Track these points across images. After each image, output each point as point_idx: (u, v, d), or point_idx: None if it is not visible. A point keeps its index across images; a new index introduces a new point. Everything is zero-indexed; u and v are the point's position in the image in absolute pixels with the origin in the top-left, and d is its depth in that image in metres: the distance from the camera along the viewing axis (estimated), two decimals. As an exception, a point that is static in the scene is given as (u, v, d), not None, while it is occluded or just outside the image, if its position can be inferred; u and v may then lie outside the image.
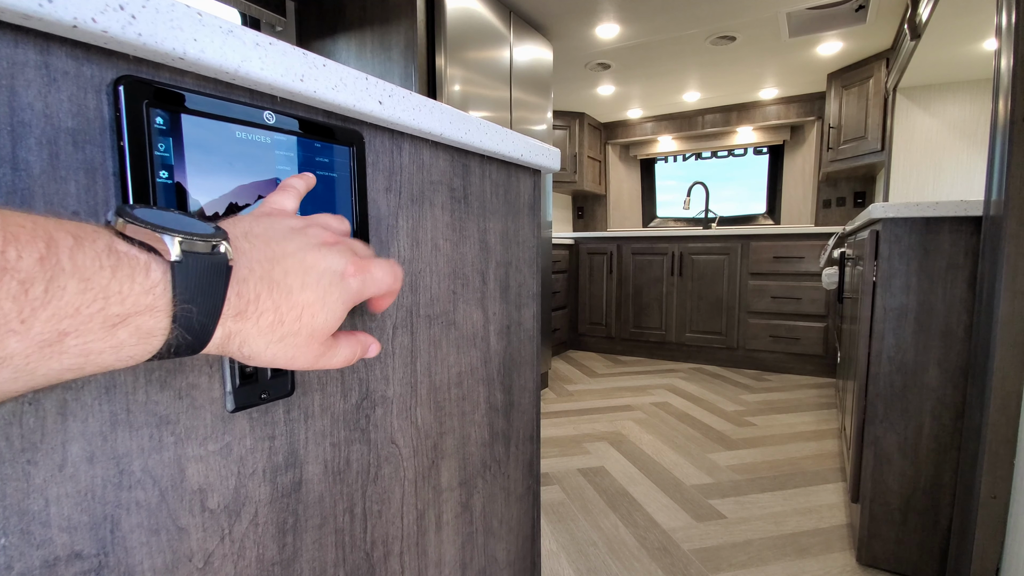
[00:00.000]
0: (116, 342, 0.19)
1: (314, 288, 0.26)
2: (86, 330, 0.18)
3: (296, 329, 0.25)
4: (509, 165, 0.66)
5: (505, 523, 0.69)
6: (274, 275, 0.25)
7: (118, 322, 0.19)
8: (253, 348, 0.24)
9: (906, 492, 1.17)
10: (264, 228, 0.27)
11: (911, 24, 2.24)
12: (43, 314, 0.17)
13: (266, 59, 0.33)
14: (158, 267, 0.20)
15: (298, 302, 0.25)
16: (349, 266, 0.28)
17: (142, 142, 0.29)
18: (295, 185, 0.33)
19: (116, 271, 0.19)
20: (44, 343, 0.17)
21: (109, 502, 0.30)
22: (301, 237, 0.28)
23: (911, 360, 1.14)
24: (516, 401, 0.70)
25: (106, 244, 0.19)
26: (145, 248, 0.21)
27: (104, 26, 0.26)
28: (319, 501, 0.42)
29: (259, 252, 0.25)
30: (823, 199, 3.81)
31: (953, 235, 1.10)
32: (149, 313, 0.20)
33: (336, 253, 0.28)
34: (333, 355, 0.28)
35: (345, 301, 0.28)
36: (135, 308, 0.19)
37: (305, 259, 0.26)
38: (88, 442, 0.29)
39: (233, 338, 0.24)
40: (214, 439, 0.35)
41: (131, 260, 0.20)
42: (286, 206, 0.31)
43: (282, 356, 0.26)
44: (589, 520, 1.46)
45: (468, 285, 0.59)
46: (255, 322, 0.24)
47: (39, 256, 0.16)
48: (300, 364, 0.27)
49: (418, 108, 0.46)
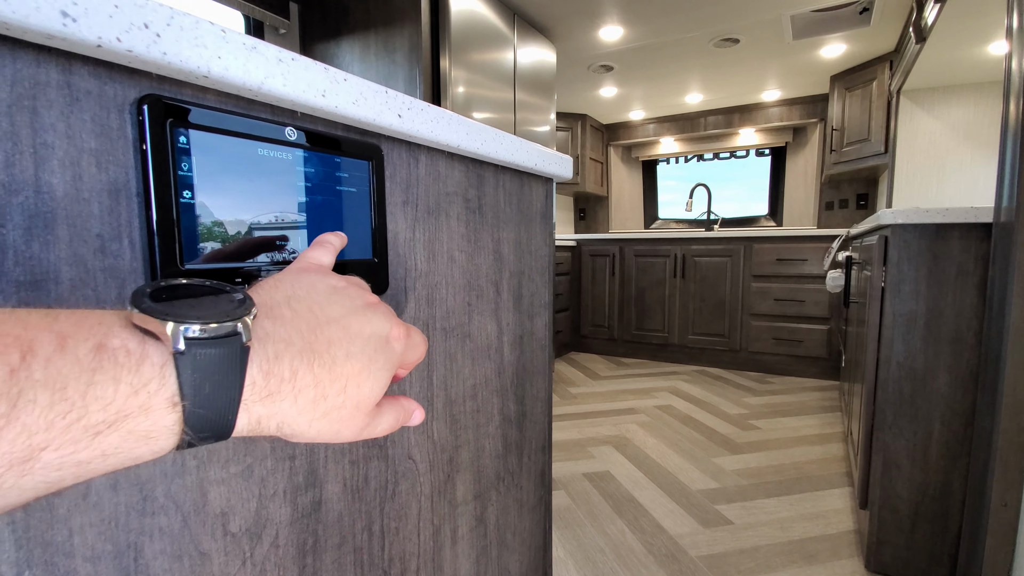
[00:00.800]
0: (105, 449, 0.17)
1: (359, 357, 0.24)
2: (64, 442, 0.16)
3: (341, 403, 0.23)
4: (522, 174, 0.65)
5: (518, 535, 0.68)
6: (316, 345, 0.23)
7: (103, 429, 0.17)
8: (295, 428, 0.22)
9: (915, 499, 1.16)
10: (307, 289, 0.25)
11: (916, 27, 2.23)
12: (9, 432, 0.15)
13: (289, 75, 0.33)
14: (156, 360, 0.18)
15: (342, 373, 0.23)
16: (394, 329, 0.27)
17: (165, 161, 0.29)
18: (332, 241, 0.32)
19: (97, 374, 0.17)
20: (15, 461, 0.15)
21: (132, 529, 0.30)
22: (345, 299, 0.26)
23: (920, 366, 1.14)
24: (529, 411, 0.70)
25: (96, 343, 0.17)
26: (149, 336, 0.19)
27: (129, 45, 0.26)
28: (338, 520, 0.42)
29: (301, 320, 0.23)
30: (826, 201, 3.81)
31: (963, 241, 1.09)
32: (143, 415, 0.18)
33: (381, 316, 0.27)
34: (377, 425, 0.26)
35: (390, 368, 0.26)
36: (122, 412, 0.17)
37: (351, 325, 0.25)
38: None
39: (267, 421, 0.22)
40: (236, 461, 0.34)
41: (121, 357, 0.17)
42: (324, 261, 0.30)
43: (327, 432, 0.24)
44: (596, 526, 1.45)
45: (482, 296, 0.59)
46: (292, 401, 0.22)
47: (9, 370, 0.15)
48: (345, 437, 0.25)
49: (436, 120, 0.46)
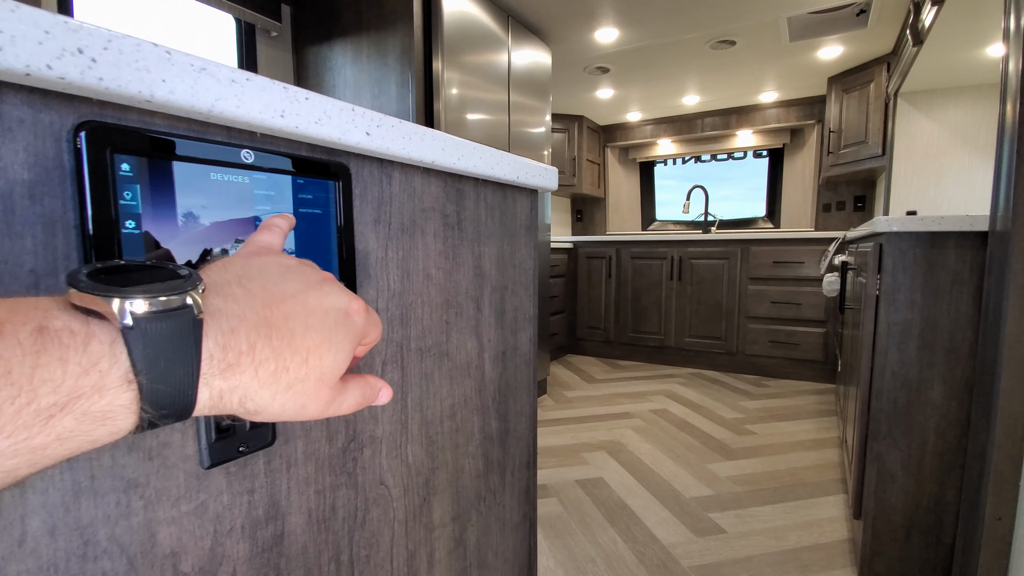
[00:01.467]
0: (60, 433, 0.17)
1: (319, 329, 0.24)
2: (15, 428, 0.16)
3: (303, 375, 0.23)
4: (505, 187, 0.64)
5: (500, 554, 0.67)
6: (273, 319, 0.22)
7: (56, 412, 0.16)
8: (258, 402, 0.22)
9: (909, 510, 1.15)
10: (258, 269, 0.25)
11: (913, 29, 2.22)
12: None
13: (243, 96, 0.31)
14: (104, 338, 0.18)
15: (303, 346, 0.23)
16: (353, 302, 0.27)
17: (105, 191, 0.27)
18: (279, 224, 0.30)
19: (42, 356, 0.16)
20: None
21: (74, 575, 0.28)
22: (299, 276, 0.25)
23: (915, 376, 1.12)
24: (512, 428, 0.68)
25: (36, 325, 0.16)
26: (93, 316, 0.18)
27: (61, 72, 0.24)
28: (302, 552, 0.40)
29: (255, 297, 0.23)
30: (823, 203, 3.79)
31: (959, 250, 1.08)
32: (97, 394, 0.17)
33: (338, 290, 0.27)
34: (343, 400, 0.26)
35: (351, 340, 0.26)
36: (74, 393, 0.17)
37: (307, 299, 0.24)
38: (49, 514, 0.27)
39: (228, 395, 0.21)
40: (188, 499, 0.33)
41: (66, 337, 0.17)
42: (273, 244, 0.29)
43: (291, 406, 0.23)
44: (587, 535, 1.44)
45: (462, 313, 0.57)
46: (254, 373, 0.21)
47: None
48: (311, 412, 0.24)
49: (408, 137, 0.44)
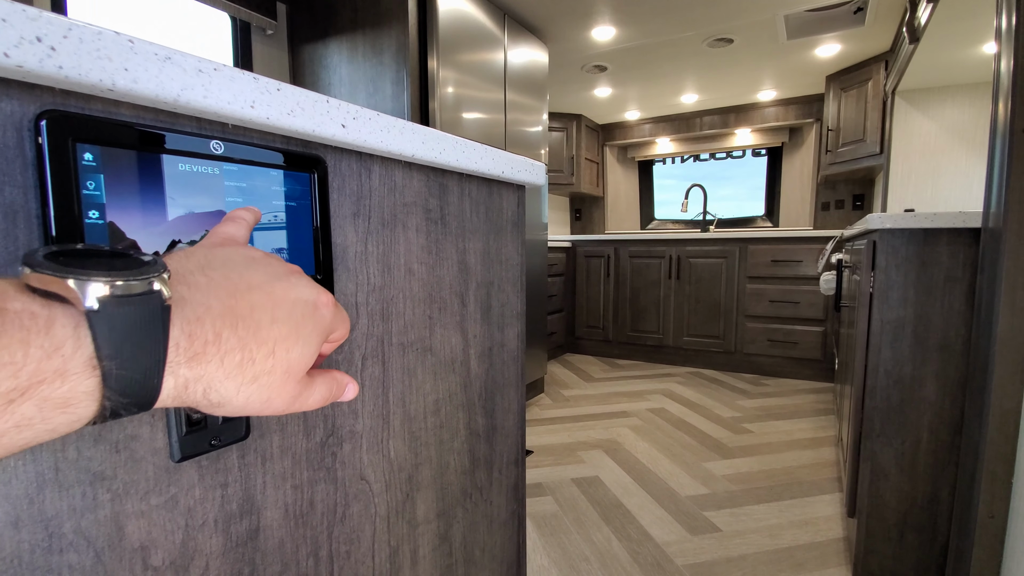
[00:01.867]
0: (19, 420, 0.16)
1: (285, 321, 0.24)
2: None
3: (270, 367, 0.23)
4: (490, 182, 0.64)
5: (488, 551, 0.67)
6: (238, 309, 0.22)
7: (16, 397, 0.16)
8: (223, 393, 0.22)
9: (903, 508, 1.15)
10: (223, 260, 0.24)
11: (910, 27, 2.22)
12: None
13: (211, 86, 0.31)
14: (67, 322, 0.17)
15: (269, 337, 0.23)
16: (322, 295, 0.26)
17: (68, 180, 0.27)
18: (244, 216, 0.30)
19: (2, 337, 0.16)
20: None
21: (39, 567, 0.28)
22: (266, 267, 0.25)
23: (908, 374, 1.12)
24: (499, 425, 0.68)
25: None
26: (54, 299, 0.17)
27: (19, 60, 0.24)
28: (279, 547, 0.40)
29: (218, 286, 0.22)
30: (822, 201, 3.79)
31: (951, 246, 1.08)
32: (59, 379, 0.17)
33: (306, 283, 0.26)
34: (309, 395, 0.26)
35: (319, 333, 0.26)
36: (36, 377, 0.16)
37: (273, 291, 0.24)
38: (12, 506, 0.27)
39: (192, 386, 0.21)
40: (157, 492, 0.32)
41: (26, 319, 0.16)
42: (237, 236, 0.28)
43: (256, 399, 0.23)
44: (582, 533, 1.43)
45: (446, 309, 0.57)
46: (219, 364, 0.21)
47: None
48: (276, 407, 0.24)
49: (386, 130, 0.44)
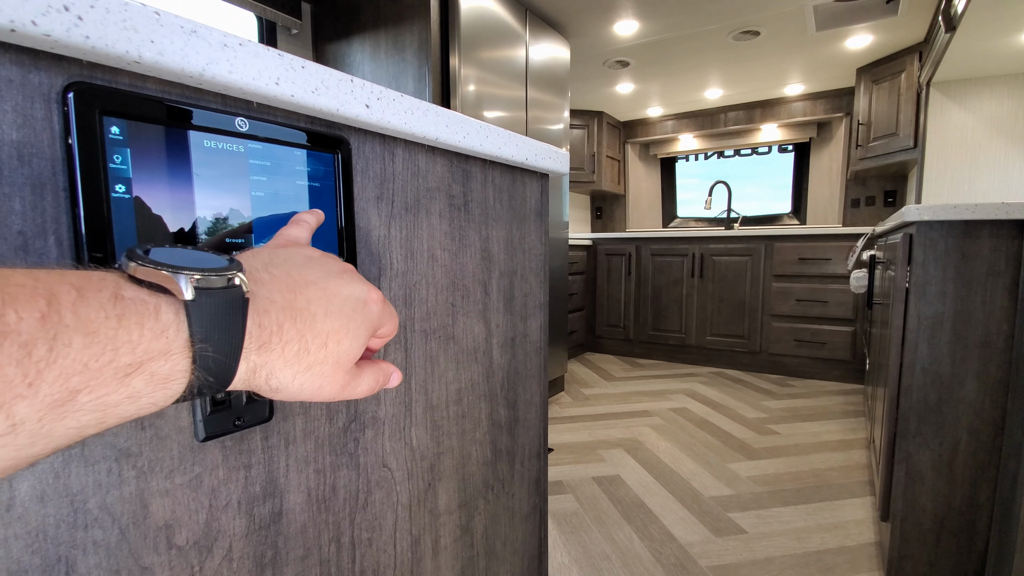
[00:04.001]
0: (131, 392, 0.18)
1: (337, 315, 0.26)
2: (97, 384, 0.17)
3: (322, 357, 0.25)
4: (514, 169, 0.63)
5: (509, 544, 0.66)
6: (297, 304, 0.24)
7: (131, 371, 0.18)
8: (281, 380, 0.24)
9: (940, 512, 1.10)
10: (284, 259, 0.27)
11: (945, 15, 2.14)
12: (49, 375, 0.16)
13: (235, 61, 0.31)
14: (169, 309, 0.20)
15: (323, 330, 0.25)
16: (372, 292, 0.29)
17: (95, 153, 0.27)
18: (307, 220, 0.33)
19: (123, 319, 0.18)
20: (55, 403, 0.16)
21: (63, 542, 0.28)
22: (321, 265, 0.28)
23: (947, 372, 1.07)
24: (521, 417, 0.67)
25: (112, 292, 0.18)
26: (156, 290, 0.20)
27: (46, 29, 0.24)
28: (301, 532, 0.40)
29: (280, 282, 0.25)
30: (851, 198, 3.68)
31: (993, 239, 1.03)
32: (163, 358, 0.19)
33: (358, 280, 0.29)
34: (358, 384, 0.28)
35: (368, 327, 0.28)
36: (147, 355, 0.19)
37: (328, 287, 0.26)
38: (38, 480, 0.27)
39: (259, 371, 0.23)
40: (182, 471, 0.32)
41: (139, 305, 0.19)
42: (300, 238, 0.31)
43: (310, 386, 0.25)
44: (603, 532, 1.42)
45: (468, 297, 0.56)
46: (280, 352, 0.23)
47: (40, 315, 0.16)
48: (327, 394, 0.26)
49: (410, 111, 0.43)
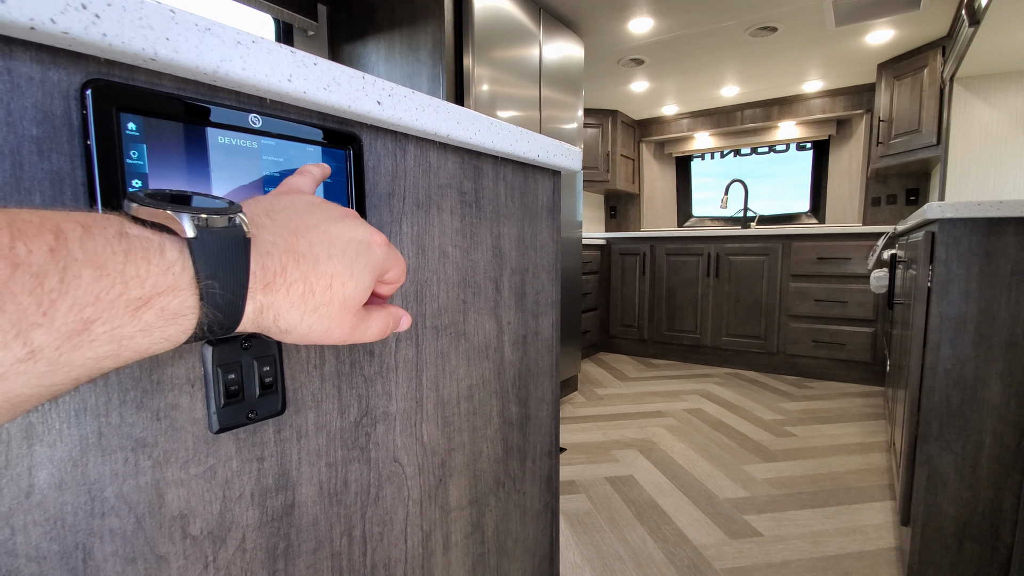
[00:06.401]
0: (144, 325, 0.19)
1: (340, 258, 0.26)
2: (111, 316, 0.18)
3: (328, 299, 0.25)
4: (525, 166, 0.63)
5: (520, 542, 0.66)
6: (299, 247, 0.25)
7: (141, 305, 0.19)
8: (289, 320, 0.24)
9: (962, 517, 1.08)
10: (285, 204, 0.27)
11: (969, 9, 2.08)
12: (63, 304, 0.17)
13: (248, 58, 0.31)
14: (173, 246, 0.20)
15: (326, 272, 0.25)
16: (375, 235, 0.29)
17: (112, 149, 0.27)
18: (312, 171, 0.33)
19: (129, 254, 0.19)
20: (71, 332, 0.17)
21: (81, 530, 0.29)
22: (323, 210, 0.28)
23: (970, 374, 1.05)
24: (533, 414, 0.67)
25: (117, 230, 0.19)
26: (159, 229, 0.20)
27: (64, 27, 0.25)
28: (313, 524, 0.40)
29: (281, 227, 0.25)
30: (872, 197, 3.61)
31: (1019, 237, 1.00)
32: (172, 293, 0.20)
33: (360, 224, 0.29)
34: (367, 327, 0.28)
35: (372, 270, 0.28)
36: (156, 289, 0.19)
37: (329, 230, 0.26)
38: (57, 468, 0.28)
39: (266, 312, 0.23)
40: (196, 462, 0.33)
41: (144, 242, 0.19)
42: (304, 186, 0.31)
43: (318, 328, 0.26)
44: (616, 532, 1.41)
45: (480, 294, 0.56)
46: (285, 293, 0.24)
47: (49, 248, 0.16)
48: (336, 336, 0.27)
49: (421, 108, 0.43)
